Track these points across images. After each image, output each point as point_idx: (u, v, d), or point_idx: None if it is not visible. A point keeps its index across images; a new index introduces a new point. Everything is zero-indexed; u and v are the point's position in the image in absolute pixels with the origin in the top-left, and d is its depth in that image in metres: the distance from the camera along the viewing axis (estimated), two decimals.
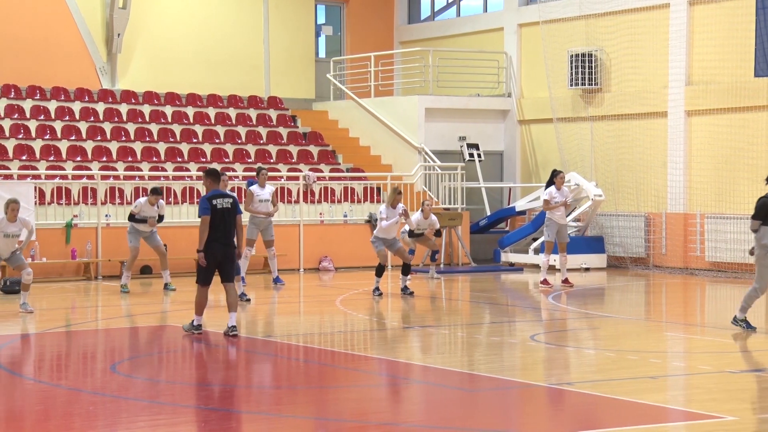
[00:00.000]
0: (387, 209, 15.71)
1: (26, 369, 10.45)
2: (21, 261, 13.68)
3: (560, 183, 17.29)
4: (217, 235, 11.58)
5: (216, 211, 11.59)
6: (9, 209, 13.32)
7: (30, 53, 22.41)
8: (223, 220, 11.62)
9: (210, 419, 8.11)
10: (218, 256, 11.61)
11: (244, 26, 25.21)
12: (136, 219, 16.19)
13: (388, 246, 15.85)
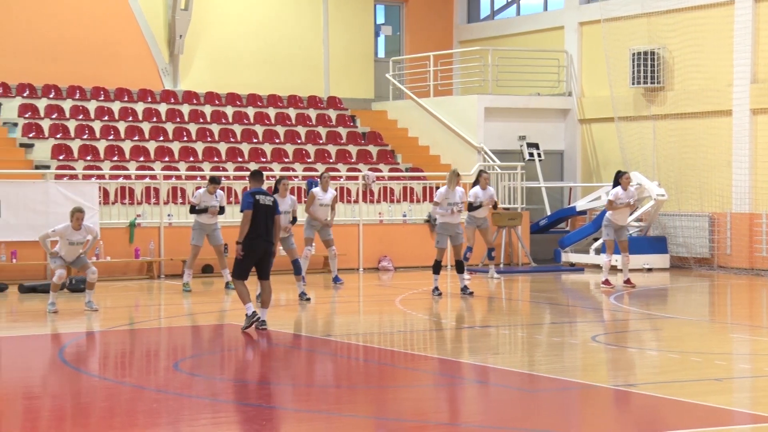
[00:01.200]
0: (447, 190, 15.61)
1: (91, 366, 10.61)
2: (85, 262, 13.89)
3: (626, 183, 17.07)
4: (259, 232, 11.81)
5: (258, 206, 11.84)
6: (74, 218, 13.52)
7: (94, 55, 22.75)
8: (264, 217, 11.87)
9: (270, 418, 8.15)
10: (259, 252, 11.84)
11: (304, 27, 25.33)
12: (197, 210, 16.34)
13: (451, 239, 15.66)
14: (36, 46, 22.19)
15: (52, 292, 13.84)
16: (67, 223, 13.56)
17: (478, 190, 17.48)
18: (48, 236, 13.77)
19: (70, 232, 13.56)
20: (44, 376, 9.86)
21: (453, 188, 15.61)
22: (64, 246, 13.68)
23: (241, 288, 11.96)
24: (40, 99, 21.87)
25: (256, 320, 11.92)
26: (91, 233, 13.79)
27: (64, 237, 13.61)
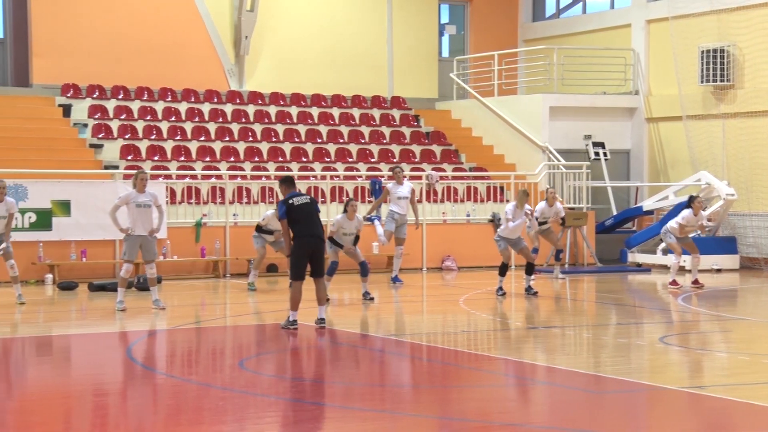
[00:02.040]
0: (514, 210, 15.57)
1: (159, 364, 10.74)
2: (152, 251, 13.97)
3: (697, 209, 16.78)
4: (306, 230, 11.92)
5: (294, 208, 11.93)
6: (138, 179, 13.71)
7: (162, 57, 23.05)
8: (305, 215, 11.96)
9: (334, 417, 8.17)
10: (310, 248, 11.93)
11: (368, 27, 25.38)
12: (263, 230, 16.48)
13: (512, 245, 15.72)
14: (105, 48, 22.55)
15: (121, 289, 14.03)
16: (131, 189, 13.75)
17: (545, 207, 17.74)
18: (116, 206, 13.90)
19: (135, 194, 13.73)
20: (113, 374, 10.01)
21: (521, 207, 15.56)
22: (133, 212, 13.79)
23: (296, 293, 12.00)
24: (110, 100, 22.22)
25: (294, 329, 11.97)
26: (156, 201, 13.92)
27: (131, 201, 13.76)
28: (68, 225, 17.89)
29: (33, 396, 8.98)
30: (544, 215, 17.65)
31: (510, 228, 15.53)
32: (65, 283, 17.04)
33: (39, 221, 17.71)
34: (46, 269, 17.62)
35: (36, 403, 8.63)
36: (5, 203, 14.36)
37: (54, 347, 11.83)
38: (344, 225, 14.65)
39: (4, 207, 14.34)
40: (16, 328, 12.93)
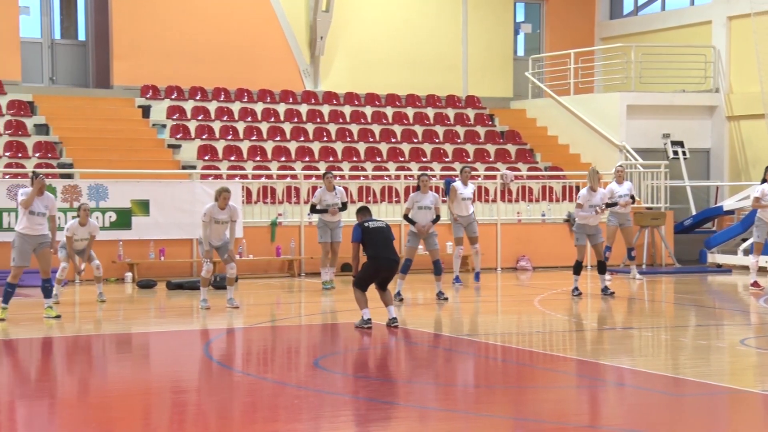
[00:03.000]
0: (588, 192, 15.38)
1: (235, 362, 10.85)
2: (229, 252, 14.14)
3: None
4: (383, 252, 12.01)
5: (370, 231, 12.06)
6: (221, 197, 13.83)
7: (238, 58, 23.31)
8: (381, 236, 12.07)
9: (409, 416, 8.16)
10: (383, 271, 12.04)
11: (442, 26, 25.35)
12: (318, 210, 16.55)
13: (589, 238, 15.46)
14: (184, 50, 22.87)
15: (203, 288, 14.20)
16: (214, 203, 13.89)
17: (614, 186, 17.35)
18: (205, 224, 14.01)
19: (216, 210, 13.88)
20: (190, 371, 10.14)
21: (595, 189, 15.36)
22: (212, 227, 13.97)
23: (360, 295, 12.09)
24: (187, 101, 22.54)
25: (368, 327, 11.98)
26: (234, 216, 14.05)
27: (211, 216, 13.92)
28: (147, 224, 18.19)
29: (113, 392, 9.14)
30: (615, 194, 17.20)
31: (582, 215, 15.32)
32: (144, 281, 17.34)
33: (119, 220, 18.04)
34: (125, 268, 17.94)
35: (116, 399, 8.79)
36: (88, 226, 14.64)
37: (133, 344, 12.03)
38: (418, 199, 14.90)
39: (87, 230, 14.62)
40: (98, 325, 13.18)
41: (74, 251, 14.57)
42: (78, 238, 14.57)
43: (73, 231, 14.53)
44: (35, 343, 11.71)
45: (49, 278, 12.94)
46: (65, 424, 7.89)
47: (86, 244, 14.70)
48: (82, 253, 14.72)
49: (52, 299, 13.30)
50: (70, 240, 14.48)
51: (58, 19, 23.29)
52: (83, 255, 14.72)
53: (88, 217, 14.67)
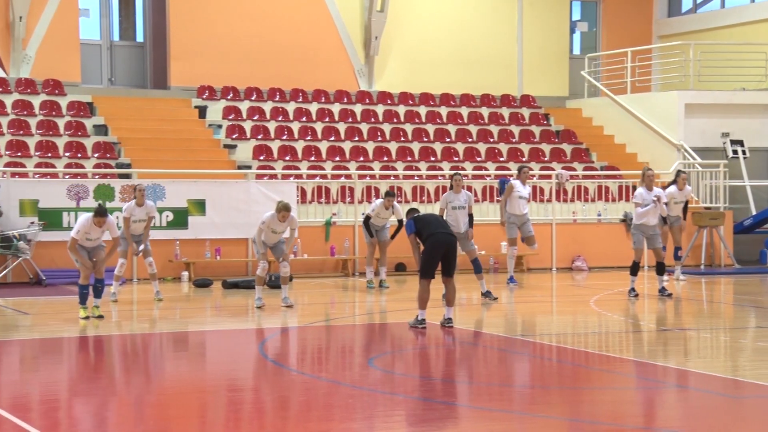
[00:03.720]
0: (644, 191, 15.21)
1: (289, 361, 10.90)
2: (284, 252, 14.23)
3: None
4: (438, 228, 12.00)
5: (421, 218, 12.11)
6: (281, 215, 13.90)
7: (294, 58, 23.43)
8: (434, 219, 12.20)
9: (463, 417, 8.14)
10: (443, 245, 11.88)
11: (498, 25, 25.25)
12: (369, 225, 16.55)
13: (647, 238, 15.29)
14: (239, 51, 23.04)
15: (258, 287, 14.28)
16: (273, 212, 13.97)
17: (675, 191, 17.18)
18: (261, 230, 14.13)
19: (276, 223, 13.98)
20: (245, 370, 10.21)
21: (650, 188, 15.20)
22: (268, 234, 14.09)
23: (424, 293, 12.00)
24: (243, 101, 22.70)
25: (423, 327, 11.95)
26: (292, 224, 14.14)
27: (269, 226, 14.03)
28: (203, 224, 18.35)
29: (170, 390, 9.24)
30: (674, 199, 17.09)
31: (640, 213, 15.16)
32: (200, 280, 17.49)
33: (176, 220, 18.22)
34: (182, 267, 18.11)
35: (173, 397, 8.88)
36: (145, 207, 14.82)
37: (189, 343, 12.15)
38: (451, 199, 14.97)
39: (144, 210, 14.80)
40: (155, 324, 13.33)
41: (131, 234, 14.68)
42: (136, 219, 14.70)
43: (131, 212, 14.67)
44: (94, 341, 11.87)
45: (102, 278, 13.05)
46: (123, 422, 7.98)
47: (144, 226, 14.79)
48: (140, 238, 14.80)
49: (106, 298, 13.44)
50: (127, 221, 14.63)
51: (116, 20, 23.60)
52: (141, 239, 14.79)
53: (144, 197, 14.81)
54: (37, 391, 9.01)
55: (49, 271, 17.12)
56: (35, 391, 9.01)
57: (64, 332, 12.19)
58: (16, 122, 20.26)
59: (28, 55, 21.49)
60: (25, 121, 20.33)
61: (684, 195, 17.45)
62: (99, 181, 17.95)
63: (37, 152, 19.67)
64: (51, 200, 17.38)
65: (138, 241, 14.79)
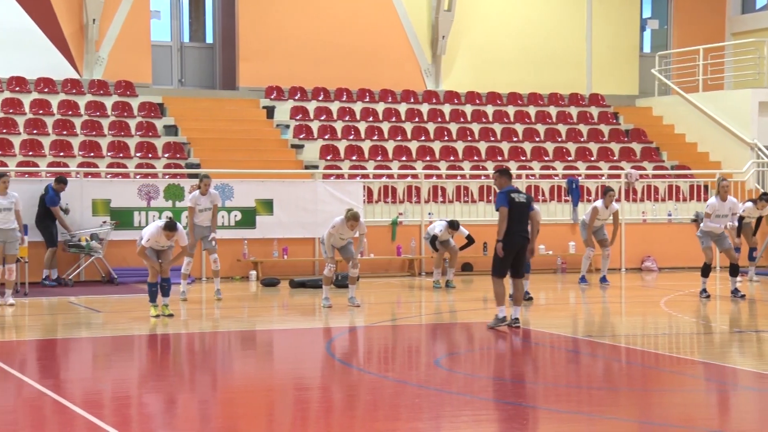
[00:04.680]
0: (717, 201, 14.96)
1: (356, 360, 10.92)
2: (352, 253, 14.29)
3: None
4: (515, 228, 11.90)
5: (514, 204, 11.95)
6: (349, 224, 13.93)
7: (361, 58, 23.48)
8: (519, 214, 11.99)
9: (531, 417, 8.07)
10: (515, 248, 11.92)
11: (566, 24, 25.03)
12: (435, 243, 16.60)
13: (716, 242, 15.08)
14: (307, 51, 23.16)
15: (325, 287, 14.33)
16: (342, 218, 14.04)
17: (751, 207, 17.18)
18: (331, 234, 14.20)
19: (345, 229, 14.04)
20: (312, 369, 10.25)
21: (724, 199, 14.94)
22: (336, 238, 14.17)
23: (499, 288, 12.08)
24: (310, 101, 22.82)
25: (505, 324, 11.91)
26: (361, 230, 14.20)
27: (339, 232, 14.08)
28: (271, 223, 18.49)
29: (238, 388, 9.32)
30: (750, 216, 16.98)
31: (709, 225, 14.94)
32: (268, 279, 17.63)
33: (244, 219, 18.38)
34: (250, 266, 18.26)
35: (241, 395, 8.95)
36: (209, 195, 14.94)
37: (257, 341, 12.24)
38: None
39: (209, 199, 14.92)
40: (223, 322, 13.46)
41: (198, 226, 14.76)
42: (201, 208, 14.83)
43: (195, 201, 14.82)
44: (163, 339, 12.03)
45: (168, 277, 13.22)
46: (191, 420, 8.07)
47: (209, 216, 14.89)
48: (207, 231, 14.89)
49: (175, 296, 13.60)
50: (192, 210, 14.77)
51: (187, 22, 23.90)
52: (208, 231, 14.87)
53: (209, 187, 14.93)
54: (109, 388, 9.16)
55: (120, 270, 17.39)
56: (107, 388, 9.16)
57: (134, 330, 12.37)
58: (89, 123, 20.62)
59: (101, 57, 21.85)
60: (97, 122, 20.69)
61: (760, 212, 17.47)
62: (169, 181, 18.18)
63: (109, 152, 20.00)
64: (122, 200, 17.66)
65: (205, 235, 14.88)
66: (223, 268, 16.39)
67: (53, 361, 10.72)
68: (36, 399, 8.52)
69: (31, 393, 8.75)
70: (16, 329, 12.70)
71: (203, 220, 14.89)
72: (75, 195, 17.25)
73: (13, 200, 14.23)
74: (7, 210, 14.17)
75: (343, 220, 13.92)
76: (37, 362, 10.62)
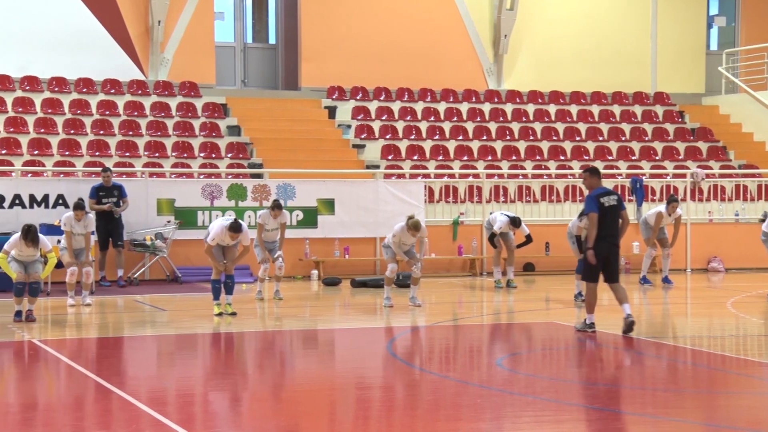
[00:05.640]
0: None
1: (417, 360, 10.91)
2: (413, 254, 14.29)
3: None
4: (604, 233, 11.48)
5: (603, 209, 11.51)
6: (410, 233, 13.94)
7: (422, 58, 23.46)
8: (609, 218, 11.53)
9: (594, 419, 7.99)
10: (604, 253, 11.50)
11: (630, 22, 24.75)
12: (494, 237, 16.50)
13: None
14: (369, 51, 23.21)
15: (387, 287, 14.35)
16: (403, 225, 14.02)
17: None
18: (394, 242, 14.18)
19: (406, 236, 14.04)
20: (374, 368, 10.26)
21: None
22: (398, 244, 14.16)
23: (591, 296, 11.66)
24: (372, 101, 22.86)
25: (593, 331, 11.61)
26: (423, 235, 14.18)
27: (401, 239, 14.08)
28: (332, 223, 18.55)
29: (300, 387, 9.36)
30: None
31: None
32: (329, 279, 17.70)
33: (305, 219, 18.47)
34: (311, 265, 18.35)
35: (303, 394, 8.99)
36: (281, 217, 15.00)
37: (319, 341, 12.29)
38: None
39: (278, 221, 14.98)
40: (285, 321, 13.53)
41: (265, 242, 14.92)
42: (270, 228, 14.95)
43: (265, 220, 14.95)
44: (226, 337, 12.14)
45: (232, 275, 13.33)
46: (254, 417, 8.13)
47: (277, 234, 15.00)
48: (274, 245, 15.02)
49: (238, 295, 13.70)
50: (261, 227, 14.91)
51: (250, 23, 24.10)
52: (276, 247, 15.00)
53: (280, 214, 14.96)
54: (173, 386, 9.26)
55: (184, 269, 17.58)
56: (171, 386, 9.26)
57: (198, 328, 12.49)
58: (154, 123, 20.89)
59: (166, 58, 22.12)
60: (162, 123, 20.95)
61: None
62: (232, 180, 18.34)
63: (173, 153, 20.24)
64: (186, 199, 17.85)
65: (272, 248, 15.04)
66: (286, 267, 16.46)
67: (119, 359, 10.88)
68: (102, 396, 8.64)
69: (97, 390, 8.89)
70: (83, 327, 12.91)
71: (270, 237, 15.01)
72: (140, 195, 17.48)
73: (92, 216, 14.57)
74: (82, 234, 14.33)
75: (404, 227, 13.92)
76: (104, 360, 10.78)
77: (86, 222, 14.16)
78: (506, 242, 16.66)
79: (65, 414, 8.03)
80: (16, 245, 12.67)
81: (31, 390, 8.96)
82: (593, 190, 11.68)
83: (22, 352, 10.96)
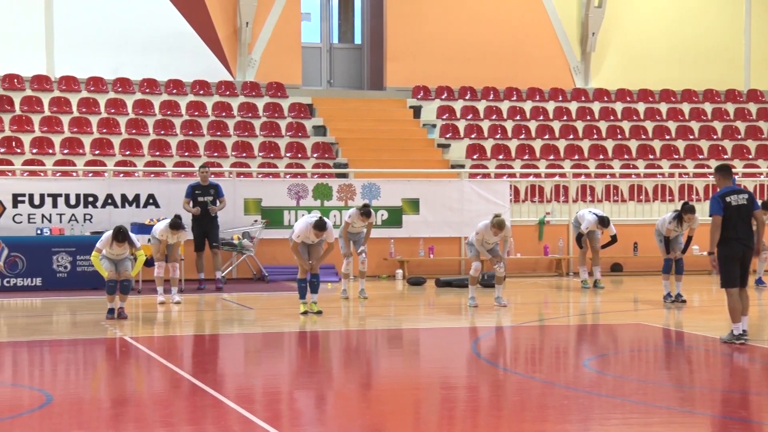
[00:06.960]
0: None
1: (503, 360, 10.85)
2: (498, 253, 14.22)
3: None
4: (733, 234, 10.78)
5: (730, 208, 10.79)
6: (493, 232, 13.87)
7: (508, 56, 23.31)
8: (738, 218, 10.79)
9: (682, 422, 7.84)
10: (737, 255, 10.83)
11: (722, 19, 24.24)
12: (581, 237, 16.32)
13: None
14: (454, 51, 23.14)
15: (471, 286, 14.31)
16: (487, 223, 13.98)
17: None
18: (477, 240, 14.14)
19: (489, 234, 13.98)
20: (458, 368, 10.23)
21: None
22: (481, 242, 14.12)
23: (732, 303, 10.94)
24: (457, 101, 22.80)
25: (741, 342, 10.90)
26: (506, 234, 14.12)
27: (484, 237, 14.03)
28: (417, 222, 18.56)
29: (385, 386, 9.38)
30: None
31: None
32: (414, 278, 17.70)
33: (390, 218, 18.51)
34: (396, 265, 18.38)
35: (387, 393, 9.01)
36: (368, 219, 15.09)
37: (404, 340, 12.30)
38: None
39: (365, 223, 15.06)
40: (370, 321, 13.58)
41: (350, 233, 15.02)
42: (356, 229, 15.06)
43: (354, 221, 15.03)
44: (312, 336, 12.23)
45: (317, 273, 13.46)
46: (339, 416, 8.17)
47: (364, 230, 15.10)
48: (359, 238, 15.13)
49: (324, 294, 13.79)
50: (347, 225, 15.01)
51: (336, 23, 24.25)
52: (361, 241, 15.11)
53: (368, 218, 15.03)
54: (260, 384, 9.37)
55: (271, 268, 17.76)
56: (258, 384, 9.37)
57: (284, 327, 12.62)
58: (242, 124, 21.16)
59: (254, 59, 22.39)
60: (250, 123, 21.21)
61: None
62: (317, 180, 18.48)
63: (260, 153, 20.47)
64: (273, 199, 18.04)
65: (357, 240, 15.13)
66: (370, 267, 16.54)
67: (207, 356, 11.05)
68: (191, 392, 8.79)
69: (186, 386, 9.04)
70: (173, 325, 13.15)
71: (356, 229, 15.10)
72: (228, 194, 17.69)
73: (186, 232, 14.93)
74: None
75: (488, 225, 13.86)
76: (192, 357, 10.97)
77: (180, 236, 14.46)
78: (591, 241, 16.47)
79: (155, 410, 8.18)
80: (107, 244, 12.96)
81: (122, 386, 9.16)
82: (720, 189, 10.98)
83: (114, 348, 11.21)
